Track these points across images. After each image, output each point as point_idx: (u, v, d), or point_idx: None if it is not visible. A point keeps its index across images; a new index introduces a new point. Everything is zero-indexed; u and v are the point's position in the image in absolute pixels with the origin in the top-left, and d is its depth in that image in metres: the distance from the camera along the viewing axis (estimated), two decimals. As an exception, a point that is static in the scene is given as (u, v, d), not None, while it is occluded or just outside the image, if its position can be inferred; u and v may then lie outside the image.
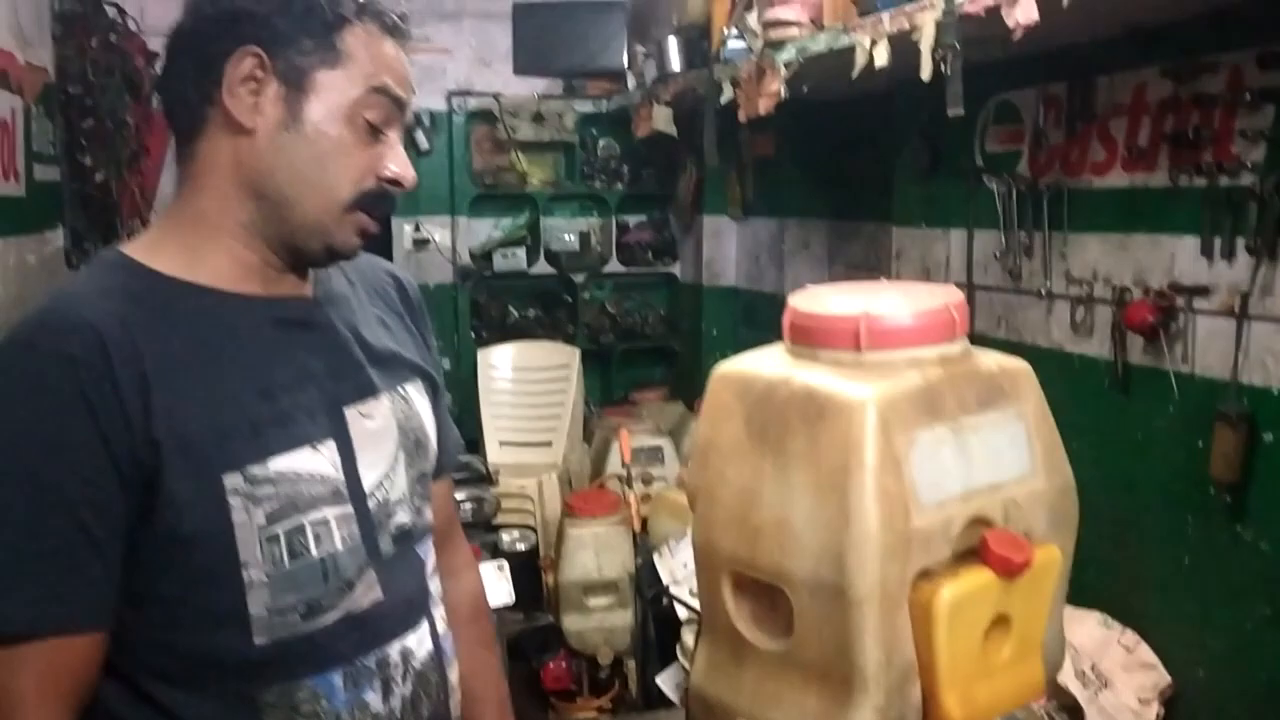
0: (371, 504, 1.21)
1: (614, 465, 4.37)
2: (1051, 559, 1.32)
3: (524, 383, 4.88)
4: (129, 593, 1.11)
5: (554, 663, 3.76)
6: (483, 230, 5.75)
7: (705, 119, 3.86)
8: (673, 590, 3.32)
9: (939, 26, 2.47)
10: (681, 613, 3.24)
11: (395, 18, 1.20)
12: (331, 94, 1.15)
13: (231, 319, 1.16)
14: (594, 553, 3.78)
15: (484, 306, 5.75)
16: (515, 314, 5.79)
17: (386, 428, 1.25)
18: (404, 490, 1.26)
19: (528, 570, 3.79)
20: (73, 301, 1.11)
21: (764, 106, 3.39)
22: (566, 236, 5.80)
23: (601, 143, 5.80)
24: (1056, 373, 2.86)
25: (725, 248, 5.35)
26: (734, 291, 5.36)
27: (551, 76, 5.56)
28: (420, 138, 5.32)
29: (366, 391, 1.24)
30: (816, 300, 1.33)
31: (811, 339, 1.29)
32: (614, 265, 5.82)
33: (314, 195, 1.17)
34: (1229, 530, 2.49)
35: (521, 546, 3.77)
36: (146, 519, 1.09)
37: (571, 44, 5.31)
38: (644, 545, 3.62)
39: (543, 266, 5.70)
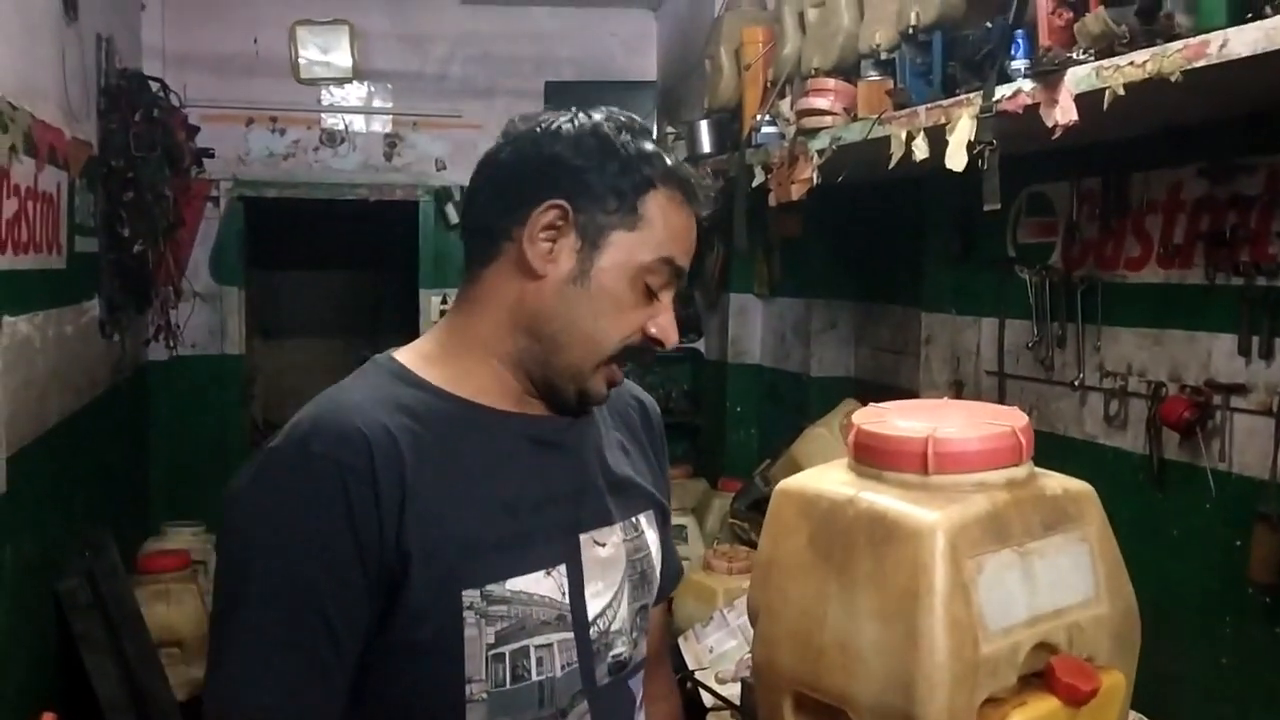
0: (592, 633, 1.21)
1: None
2: (1116, 685, 1.30)
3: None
4: (355, 693, 1.12)
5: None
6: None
7: (735, 203, 3.89)
8: (698, 676, 3.27)
9: (977, 123, 2.49)
10: (707, 699, 3.19)
11: (697, 188, 1.23)
12: (622, 254, 1.18)
13: (490, 433, 1.19)
14: (619, 635, 3.72)
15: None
16: (540, 387, 5.76)
17: (616, 558, 1.25)
18: (625, 621, 1.26)
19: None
20: (346, 407, 1.14)
21: (796, 193, 3.40)
22: (591, 311, 5.80)
23: (629, 218, 5.82)
24: (1090, 465, 2.83)
25: (751, 326, 5.34)
26: (759, 370, 5.34)
27: (582, 153, 5.61)
28: (451, 211, 5.36)
29: (603, 519, 1.25)
30: (882, 420, 1.33)
31: (877, 459, 1.29)
32: (638, 340, 5.80)
33: (582, 346, 1.20)
34: (1268, 633, 2.45)
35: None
36: (384, 624, 1.10)
37: (602, 122, 5.36)
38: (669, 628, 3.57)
39: (567, 339, 5.69)
